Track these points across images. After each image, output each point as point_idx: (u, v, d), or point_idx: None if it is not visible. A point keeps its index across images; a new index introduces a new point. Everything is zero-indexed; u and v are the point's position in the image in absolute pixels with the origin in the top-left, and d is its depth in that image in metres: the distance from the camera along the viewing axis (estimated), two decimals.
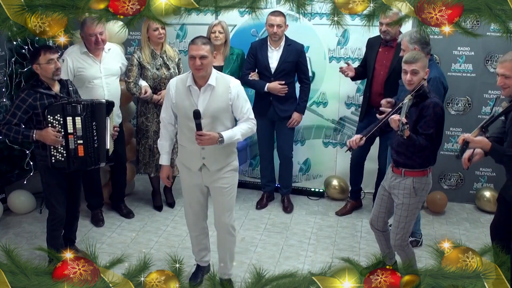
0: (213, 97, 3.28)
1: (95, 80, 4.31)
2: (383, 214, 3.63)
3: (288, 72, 4.69)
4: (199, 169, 3.41)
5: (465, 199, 5.19)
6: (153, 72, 4.57)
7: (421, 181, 3.40)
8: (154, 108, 4.65)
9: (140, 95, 4.54)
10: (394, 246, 3.54)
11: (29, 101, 3.57)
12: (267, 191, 5.14)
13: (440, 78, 3.85)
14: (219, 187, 3.45)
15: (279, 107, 4.73)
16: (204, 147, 3.30)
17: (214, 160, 3.38)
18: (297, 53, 4.67)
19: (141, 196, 5.25)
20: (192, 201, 3.56)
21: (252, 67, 4.74)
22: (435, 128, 3.30)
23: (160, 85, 4.60)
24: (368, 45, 4.62)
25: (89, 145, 3.71)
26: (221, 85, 3.31)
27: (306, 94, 4.79)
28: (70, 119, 3.63)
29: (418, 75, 3.30)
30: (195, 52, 3.19)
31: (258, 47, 4.71)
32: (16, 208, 4.83)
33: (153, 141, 4.72)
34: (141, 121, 4.74)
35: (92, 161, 3.77)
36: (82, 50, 4.30)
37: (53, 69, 3.60)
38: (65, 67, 4.21)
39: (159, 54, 4.60)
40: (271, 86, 4.66)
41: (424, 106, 3.29)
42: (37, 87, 3.62)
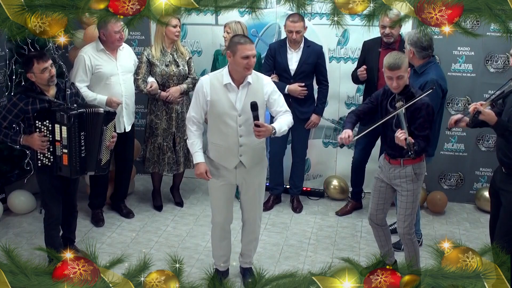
0: (250, 93, 3.34)
1: (113, 77, 4.37)
2: (382, 206, 3.67)
3: (308, 73, 4.68)
4: (234, 167, 3.43)
5: (465, 199, 5.19)
6: (162, 69, 4.58)
7: (420, 166, 3.51)
8: (163, 105, 4.66)
9: (147, 88, 4.55)
10: (403, 234, 3.58)
11: (20, 106, 3.57)
12: (275, 193, 5.13)
13: (438, 80, 3.82)
14: (253, 184, 3.53)
15: (298, 109, 4.70)
16: (242, 144, 3.36)
17: (251, 157, 3.43)
18: (316, 55, 4.66)
19: (141, 196, 5.25)
20: (224, 202, 3.57)
21: (271, 69, 4.71)
22: (430, 128, 3.38)
23: (168, 82, 4.61)
24: (366, 48, 4.60)
25: (74, 154, 3.67)
26: (256, 82, 3.38)
27: (324, 96, 4.78)
28: (58, 127, 3.61)
29: (403, 79, 3.33)
30: (251, 52, 3.23)
31: (277, 49, 4.69)
32: (16, 208, 4.83)
33: (162, 139, 4.72)
34: (150, 119, 4.74)
35: (77, 171, 3.74)
36: (98, 48, 4.35)
37: (47, 77, 3.57)
38: (83, 65, 4.25)
39: (169, 52, 4.61)
40: (292, 88, 4.63)
41: (416, 108, 3.33)
42: (30, 91, 3.61)
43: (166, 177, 5.12)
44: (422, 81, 3.82)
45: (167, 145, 4.74)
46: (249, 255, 3.84)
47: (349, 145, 5.11)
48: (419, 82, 3.84)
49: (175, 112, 4.68)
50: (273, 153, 4.99)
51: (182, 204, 5.07)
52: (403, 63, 3.30)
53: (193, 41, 5.30)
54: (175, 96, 4.61)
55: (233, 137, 3.35)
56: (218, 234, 3.69)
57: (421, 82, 3.82)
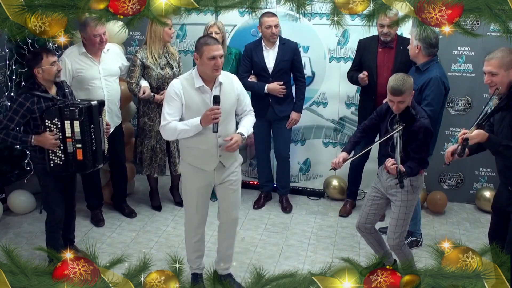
0: (223, 94, 3.31)
1: (95, 81, 4.31)
2: (372, 216, 3.64)
3: (285, 71, 4.70)
4: (213, 169, 3.41)
5: (465, 199, 5.19)
6: (158, 72, 4.56)
7: (417, 180, 3.48)
8: (156, 108, 4.65)
9: (139, 95, 4.53)
10: (392, 246, 3.55)
11: (27, 105, 3.55)
12: (265, 191, 5.14)
13: (442, 78, 3.85)
14: (230, 182, 3.49)
15: (277, 108, 4.74)
16: (221, 144, 3.33)
17: (229, 155, 3.42)
18: (292, 52, 4.68)
19: (141, 196, 5.25)
20: (201, 204, 3.52)
21: (249, 69, 4.73)
22: (427, 151, 3.39)
23: (163, 85, 4.60)
24: (362, 47, 4.58)
25: (87, 148, 3.69)
26: (226, 81, 3.36)
27: (302, 93, 4.79)
28: (68, 123, 3.61)
29: (405, 103, 3.30)
30: (217, 52, 3.19)
31: (253, 49, 4.71)
32: (16, 208, 4.83)
33: (155, 141, 4.72)
34: (143, 121, 4.73)
35: (91, 164, 3.76)
36: (80, 51, 4.30)
37: (55, 71, 3.60)
38: (64, 69, 4.20)
39: (162, 53, 4.61)
40: (271, 87, 4.66)
41: (414, 130, 3.32)
42: (33, 90, 3.60)
43: (164, 177, 5.11)
44: (426, 78, 3.83)
45: (160, 147, 4.74)
46: (230, 259, 3.75)
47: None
48: (422, 79, 3.85)
49: None
50: (259, 150, 5.01)
51: (182, 203, 5.06)
52: (407, 89, 3.24)
53: (193, 41, 5.29)
54: None
55: (212, 138, 3.31)
56: (193, 234, 3.62)
57: (424, 80, 3.83)
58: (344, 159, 3.51)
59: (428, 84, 3.80)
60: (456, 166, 5.14)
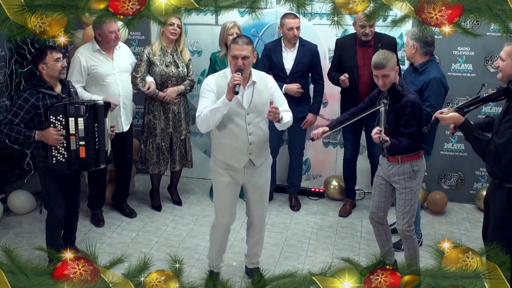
0: (256, 92, 3.35)
1: (109, 77, 4.35)
2: (383, 204, 3.69)
3: (304, 73, 4.70)
4: (243, 166, 3.43)
5: (465, 199, 5.19)
6: (161, 69, 4.58)
7: (418, 163, 3.52)
8: (160, 105, 4.66)
9: (144, 89, 4.55)
10: (402, 231, 3.59)
11: (31, 101, 3.57)
12: None
13: (441, 78, 3.85)
14: (259, 182, 3.53)
15: (294, 108, 4.67)
16: (251, 142, 3.36)
17: (259, 154, 3.45)
18: (311, 54, 4.68)
19: (141, 196, 5.25)
20: (230, 202, 3.55)
21: (267, 68, 4.70)
22: (415, 125, 3.40)
23: (167, 82, 4.62)
24: (339, 47, 4.61)
25: (90, 146, 3.71)
26: (260, 80, 3.39)
27: (320, 95, 4.80)
28: (73, 120, 3.63)
29: (389, 78, 3.36)
30: (238, 52, 3.21)
31: (273, 49, 4.70)
32: (16, 208, 4.83)
33: (161, 139, 4.73)
34: (148, 119, 4.74)
35: (93, 163, 3.77)
36: (94, 48, 4.34)
37: (60, 67, 3.61)
38: (78, 66, 4.24)
39: (170, 52, 4.61)
40: (289, 87, 4.65)
41: (401, 105, 3.38)
42: (39, 87, 3.62)
43: (164, 177, 5.11)
44: (425, 79, 3.83)
45: (165, 145, 4.75)
46: (257, 255, 3.83)
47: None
48: (421, 80, 3.84)
49: (172, 112, 4.69)
50: None
51: (181, 202, 5.07)
52: (389, 62, 3.34)
53: (193, 41, 5.30)
54: (172, 96, 4.62)
55: (243, 135, 3.35)
56: (221, 235, 3.64)
57: (423, 81, 3.82)
58: (324, 131, 3.58)
59: (428, 85, 3.80)
60: (456, 166, 5.14)
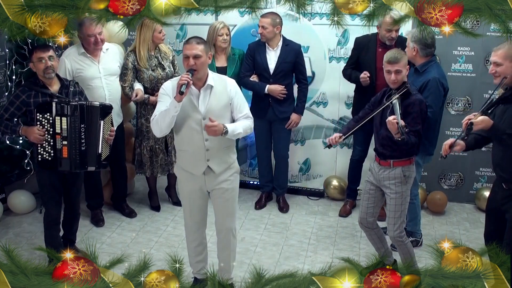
0: (213, 96, 3.24)
1: (95, 80, 4.31)
2: (372, 209, 3.69)
3: (287, 72, 4.68)
4: (202, 173, 3.32)
5: (465, 199, 5.19)
6: (149, 74, 4.56)
7: (409, 169, 3.54)
8: (153, 109, 4.64)
9: (132, 98, 4.53)
10: (394, 238, 3.59)
11: (22, 98, 3.61)
12: (266, 191, 5.13)
13: (440, 79, 3.84)
14: (222, 190, 3.38)
15: (278, 108, 4.73)
16: (208, 148, 3.24)
17: (219, 161, 3.32)
18: (295, 54, 4.66)
19: (141, 196, 5.25)
20: (194, 208, 3.46)
21: (251, 68, 4.73)
22: (422, 124, 3.44)
23: (157, 86, 4.59)
24: (359, 46, 4.56)
25: (72, 147, 3.67)
26: (219, 84, 3.28)
27: (304, 95, 4.78)
28: (59, 119, 3.62)
29: (401, 74, 3.40)
30: (189, 52, 3.13)
31: (256, 48, 4.71)
32: (16, 208, 4.83)
33: (154, 142, 4.72)
34: (140, 122, 4.73)
35: (77, 164, 3.71)
36: (80, 51, 4.31)
37: (42, 67, 3.59)
38: (63, 69, 4.21)
39: (153, 55, 4.59)
40: (272, 88, 4.65)
41: (410, 103, 3.40)
42: (33, 85, 3.65)
43: (161, 178, 5.11)
44: (424, 79, 3.83)
45: (159, 147, 4.74)
46: (227, 269, 3.58)
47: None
48: (421, 81, 3.84)
49: None
50: (260, 151, 5.01)
51: (180, 203, 5.07)
52: (402, 58, 3.40)
53: None
54: None
55: (199, 141, 3.24)
56: (191, 239, 3.56)
57: (423, 81, 3.83)
58: (340, 136, 3.62)
59: (426, 86, 3.80)
60: (456, 166, 5.14)
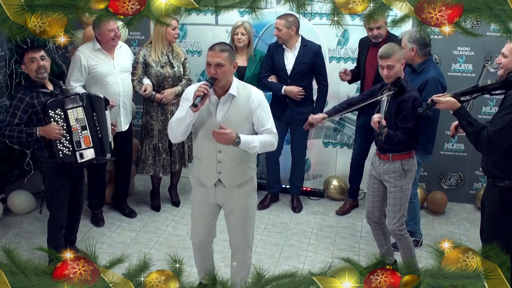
0: (233, 107, 3.05)
1: (110, 76, 4.36)
2: (378, 203, 3.71)
3: (305, 73, 4.66)
4: (213, 185, 3.17)
5: (465, 199, 5.19)
6: (157, 70, 4.57)
7: (409, 163, 3.54)
8: (158, 106, 4.66)
9: (141, 92, 4.55)
10: (393, 231, 3.61)
11: (26, 100, 3.57)
12: (272, 192, 5.13)
13: (438, 78, 3.86)
14: (234, 207, 3.22)
15: (295, 110, 4.71)
16: (220, 160, 3.09)
17: (231, 175, 3.14)
18: (313, 54, 4.64)
19: (141, 196, 5.25)
20: (201, 220, 3.30)
21: (270, 69, 4.71)
22: (413, 121, 3.42)
23: (163, 83, 4.61)
24: (360, 45, 4.63)
25: (93, 134, 3.70)
26: (242, 94, 3.07)
27: (323, 96, 4.76)
28: (72, 112, 3.63)
29: (394, 69, 3.38)
30: (211, 59, 2.97)
31: (274, 49, 4.70)
32: (16, 208, 4.83)
33: (158, 140, 4.72)
34: (146, 119, 4.74)
35: (99, 152, 3.73)
36: (95, 47, 4.35)
37: (35, 67, 3.58)
38: (79, 65, 4.24)
39: (165, 53, 4.61)
40: (288, 89, 4.64)
41: (403, 100, 3.40)
42: (31, 87, 3.63)
43: (165, 177, 5.11)
44: (423, 79, 3.84)
45: (162, 146, 4.74)
46: (237, 283, 3.30)
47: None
48: (419, 80, 3.85)
49: (170, 113, 4.68)
50: (270, 152, 4.99)
51: (178, 204, 5.07)
52: (395, 53, 3.37)
53: (193, 41, 5.30)
54: (170, 99, 4.62)
55: (211, 151, 3.08)
56: (197, 251, 3.44)
57: (421, 81, 3.83)
58: (323, 117, 3.66)
59: (425, 86, 3.81)
60: (456, 166, 5.14)
